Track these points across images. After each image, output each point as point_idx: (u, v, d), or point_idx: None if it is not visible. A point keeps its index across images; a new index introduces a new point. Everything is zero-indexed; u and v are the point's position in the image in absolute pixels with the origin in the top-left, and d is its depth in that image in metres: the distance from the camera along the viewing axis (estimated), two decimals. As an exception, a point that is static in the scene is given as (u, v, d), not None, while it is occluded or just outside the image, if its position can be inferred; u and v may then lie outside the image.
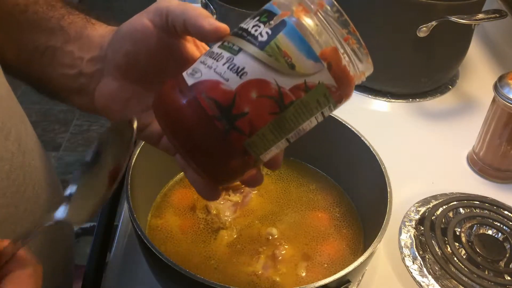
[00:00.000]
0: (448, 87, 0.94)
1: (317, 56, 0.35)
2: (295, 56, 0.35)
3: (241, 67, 0.35)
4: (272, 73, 0.35)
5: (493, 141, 0.72)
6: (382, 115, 0.87)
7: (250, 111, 0.35)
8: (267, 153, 0.38)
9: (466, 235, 0.62)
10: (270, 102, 0.35)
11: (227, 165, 0.38)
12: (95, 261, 0.64)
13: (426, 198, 0.69)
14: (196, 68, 0.38)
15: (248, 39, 0.36)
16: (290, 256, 0.55)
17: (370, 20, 0.85)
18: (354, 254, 0.56)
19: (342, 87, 0.36)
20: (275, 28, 0.35)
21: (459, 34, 0.86)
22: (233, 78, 0.35)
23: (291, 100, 0.35)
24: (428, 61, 0.86)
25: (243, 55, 0.35)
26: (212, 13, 0.88)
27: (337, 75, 0.36)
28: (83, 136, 2.13)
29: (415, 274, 0.59)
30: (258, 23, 0.37)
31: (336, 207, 0.62)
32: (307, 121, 0.37)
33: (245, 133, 0.36)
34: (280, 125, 0.36)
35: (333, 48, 0.35)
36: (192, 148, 0.38)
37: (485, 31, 1.09)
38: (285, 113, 0.36)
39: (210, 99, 0.35)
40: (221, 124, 0.36)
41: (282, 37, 0.35)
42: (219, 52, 0.37)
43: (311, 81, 0.35)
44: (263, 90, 0.35)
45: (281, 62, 0.35)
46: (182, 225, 0.58)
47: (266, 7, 0.38)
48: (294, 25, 0.35)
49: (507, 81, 0.68)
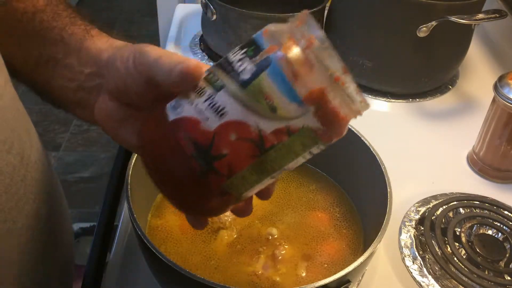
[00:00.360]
0: (448, 87, 0.94)
1: (301, 100, 0.32)
2: (277, 99, 0.32)
3: (221, 106, 0.33)
4: (253, 115, 0.33)
5: (493, 141, 0.72)
6: (382, 115, 0.87)
7: (229, 153, 0.33)
8: (249, 191, 0.37)
9: (466, 235, 0.63)
10: (250, 145, 0.33)
11: (205, 204, 0.37)
12: (95, 261, 0.64)
13: (426, 198, 0.69)
14: (179, 102, 0.36)
15: (231, 75, 0.34)
16: (290, 256, 0.55)
17: (370, 20, 0.85)
18: (354, 254, 0.56)
19: (330, 128, 0.34)
20: (259, 66, 0.33)
21: (459, 34, 0.86)
22: (213, 118, 0.33)
23: (272, 144, 0.33)
24: (428, 61, 0.86)
25: (225, 93, 0.33)
26: (212, 13, 0.88)
27: (325, 118, 0.33)
28: (83, 136, 2.13)
29: (415, 274, 0.59)
30: (244, 57, 0.34)
31: (336, 207, 0.62)
32: (292, 161, 0.35)
33: (223, 174, 0.34)
34: (262, 167, 0.34)
35: (321, 90, 0.32)
36: (168, 186, 0.38)
37: (485, 31, 1.09)
38: (266, 156, 0.34)
39: (189, 138, 0.34)
40: (198, 165, 0.34)
41: (264, 77, 0.32)
42: (203, 86, 0.35)
43: (294, 125, 0.33)
44: (243, 133, 0.33)
45: (262, 104, 0.32)
46: (182, 225, 0.57)
47: (256, 36, 0.35)
48: (278, 65, 0.32)
49: (507, 81, 0.68)
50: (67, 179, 1.92)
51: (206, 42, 0.98)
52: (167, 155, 0.36)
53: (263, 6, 0.94)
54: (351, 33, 0.87)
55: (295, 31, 0.33)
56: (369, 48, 0.86)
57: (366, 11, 0.85)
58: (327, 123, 0.33)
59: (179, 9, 1.14)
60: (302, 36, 0.33)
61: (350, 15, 0.88)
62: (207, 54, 0.97)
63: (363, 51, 0.86)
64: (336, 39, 0.90)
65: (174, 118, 0.35)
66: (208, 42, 0.97)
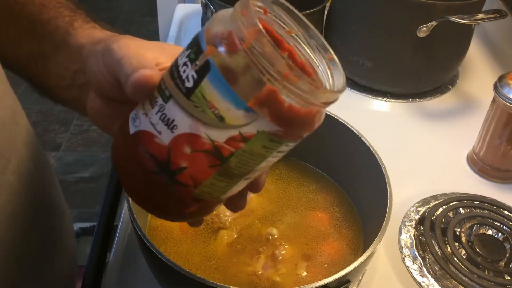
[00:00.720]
0: (448, 87, 0.94)
1: (247, 106, 0.29)
2: (223, 107, 0.29)
3: (171, 118, 0.31)
4: (201, 126, 0.30)
5: (493, 141, 0.72)
6: (382, 115, 0.87)
7: (189, 166, 0.32)
8: (227, 194, 0.35)
9: (466, 235, 0.62)
10: (207, 156, 0.31)
11: (183, 212, 0.36)
12: (95, 261, 0.64)
13: (426, 198, 0.69)
14: (137, 112, 0.34)
15: (177, 83, 0.31)
16: (290, 256, 0.55)
17: (370, 20, 0.85)
18: (354, 254, 0.56)
19: (293, 128, 0.31)
20: (200, 71, 0.30)
21: (459, 34, 0.86)
22: (165, 131, 0.31)
23: (231, 152, 0.31)
24: (428, 61, 0.86)
25: (173, 103, 0.31)
26: (212, 13, 0.88)
27: (281, 119, 0.30)
28: (83, 136, 2.13)
29: (415, 274, 0.59)
30: (187, 61, 0.31)
31: (336, 207, 0.62)
32: (262, 163, 0.33)
33: (189, 185, 0.33)
34: (228, 173, 0.32)
35: (269, 91, 0.29)
36: (143, 200, 0.37)
37: (485, 31, 1.09)
38: (228, 164, 0.32)
39: (148, 153, 0.33)
40: (162, 179, 0.33)
41: (206, 84, 0.29)
42: (155, 95, 0.33)
43: (248, 132, 0.30)
44: (196, 145, 0.31)
45: (208, 114, 0.30)
46: (182, 225, 0.57)
47: (199, 33, 0.31)
48: (217, 68, 0.29)
49: (507, 81, 0.68)
50: (67, 179, 1.92)
51: (206, 42, 0.98)
52: (132, 171, 0.34)
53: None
54: (351, 33, 0.87)
55: (237, 23, 0.29)
56: (369, 48, 0.86)
57: (366, 11, 0.85)
58: (286, 124, 0.30)
59: (179, 9, 1.14)
60: (243, 29, 0.28)
61: (350, 15, 0.88)
62: (207, 54, 0.97)
63: (363, 51, 0.86)
64: (336, 39, 0.90)
65: (134, 132, 0.34)
66: (208, 42, 0.97)
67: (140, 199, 0.37)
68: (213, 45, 0.29)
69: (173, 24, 1.08)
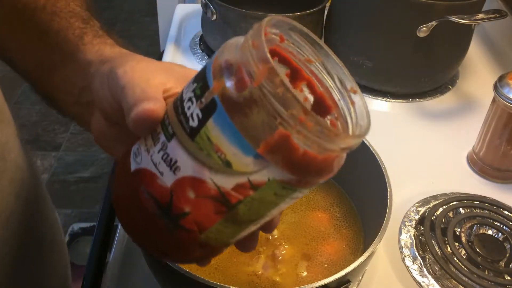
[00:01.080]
0: (448, 87, 0.94)
1: (257, 152, 0.26)
2: (229, 152, 0.26)
3: (174, 159, 0.28)
4: (206, 170, 0.27)
5: (493, 141, 0.72)
6: (382, 115, 0.87)
7: (192, 211, 0.29)
8: (235, 239, 0.32)
9: (466, 235, 0.62)
10: (213, 202, 0.28)
11: (187, 257, 0.34)
12: (95, 261, 0.64)
13: (426, 198, 0.69)
14: (139, 148, 0.31)
15: (180, 120, 0.28)
16: (290, 256, 0.55)
17: (370, 20, 0.85)
18: (354, 254, 0.56)
19: (308, 175, 0.28)
20: (205, 110, 0.26)
21: (459, 34, 0.86)
22: (167, 173, 0.29)
23: (239, 200, 0.28)
24: (428, 61, 0.86)
25: (175, 142, 0.28)
26: (212, 13, 0.88)
27: (294, 167, 0.26)
28: (83, 136, 2.13)
29: (415, 274, 0.59)
30: (192, 96, 0.27)
31: (336, 207, 0.62)
32: (273, 209, 0.30)
33: (194, 231, 0.30)
34: (236, 220, 0.29)
35: (282, 136, 0.25)
36: (144, 243, 0.34)
37: (485, 31, 1.09)
38: (236, 210, 0.29)
39: (149, 194, 0.30)
40: (164, 223, 0.30)
41: (211, 125, 0.26)
42: (158, 131, 0.30)
43: (257, 179, 0.27)
44: (200, 190, 0.28)
45: (214, 158, 0.27)
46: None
47: (207, 65, 0.28)
48: (224, 109, 0.25)
49: (507, 81, 0.68)
50: (67, 179, 1.92)
51: (206, 42, 0.98)
52: (132, 211, 0.32)
53: (263, 6, 0.94)
54: (351, 33, 0.87)
55: (247, 56, 0.25)
56: (369, 48, 0.86)
57: (366, 11, 0.85)
58: (300, 172, 0.27)
59: (179, 9, 1.14)
60: (253, 64, 0.25)
61: (350, 15, 0.88)
62: (207, 54, 0.97)
63: (363, 51, 0.86)
64: (336, 39, 0.90)
65: (135, 169, 0.31)
66: (208, 42, 0.97)
67: (141, 241, 0.34)
68: (220, 81, 0.26)
69: (173, 24, 1.08)
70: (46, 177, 1.90)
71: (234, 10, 0.86)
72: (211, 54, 0.96)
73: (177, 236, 0.30)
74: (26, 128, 2.11)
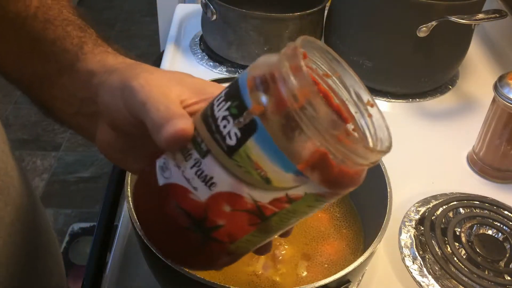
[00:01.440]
0: (448, 87, 0.94)
1: (297, 169, 0.27)
2: (270, 170, 0.27)
3: (209, 175, 0.29)
4: (245, 186, 0.28)
5: (493, 141, 0.72)
6: (382, 115, 0.87)
7: (226, 224, 0.30)
8: (258, 246, 0.34)
9: (466, 235, 0.62)
10: (248, 215, 0.29)
11: (212, 265, 0.35)
12: (95, 261, 0.64)
13: (426, 198, 0.69)
14: (167, 163, 0.32)
15: (215, 138, 0.29)
16: (290, 256, 0.55)
17: (370, 20, 0.85)
18: (354, 254, 0.56)
19: (340, 188, 0.30)
20: (244, 130, 0.27)
21: (459, 34, 0.86)
22: (202, 188, 0.29)
23: (274, 212, 0.29)
24: (428, 61, 0.86)
25: (211, 159, 0.29)
26: (212, 13, 0.88)
27: (331, 182, 0.28)
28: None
29: (415, 274, 0.59)
30: (227, 115, 0.28)
31: (336, 207, 0.62)
32: (300, 219, 0.32)
33: (225, 242, 0.31)
34: (266, 229, 0.31)
35: (322, 154, 0.27)
36: (168, 253, 0.35)
37: (485, 31, 1.09)
38: (269, 222, 0.30)
39: (181, 209, 0.31)
40: (196, 236, 0.31)
41: (252, 145, 0.27)
42: (189, 147, 0.30)
43: (295, 194, 0.29)
44: (237, 205, 0.29)
45: (253, 175, 0.28)
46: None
47: (240, 84, 0.28)
48: (266, 130, 0.27)
49: (507, 81, 0.68)
50: (67, 179, 1.92)
51: (206, 42, 0.98)
52: (161, 225, 0.33)
53: (263, 6, 0.94)
54: (351, 33, 0.87)
55: (288, 79, 0.26)
56: (369, 48, 0.86)
57: (366, 11, 0.85)
58: (336, 186, 0.29)
59: (179, 9, 1.14)
60: (295, 87, 0.26)
61: (350, 15, 0.88)
62: (207, 54, 0.97)
63: (363, 51, 0.86)
64: (336, 39, 0.90)
65: (163, 184, 0.32)
66: (208, 42, 0.97)
67: (167, 252, 0.36)
68: (259, 102, 0.27)
69: (173, 24, 1.08)
70: (46, 177, 1.91)
71: (234, 10, 0.86)
72: (211, 54, 0.96)
73: (207, 247, 0.32)
74: (26, 128, 2.11)
